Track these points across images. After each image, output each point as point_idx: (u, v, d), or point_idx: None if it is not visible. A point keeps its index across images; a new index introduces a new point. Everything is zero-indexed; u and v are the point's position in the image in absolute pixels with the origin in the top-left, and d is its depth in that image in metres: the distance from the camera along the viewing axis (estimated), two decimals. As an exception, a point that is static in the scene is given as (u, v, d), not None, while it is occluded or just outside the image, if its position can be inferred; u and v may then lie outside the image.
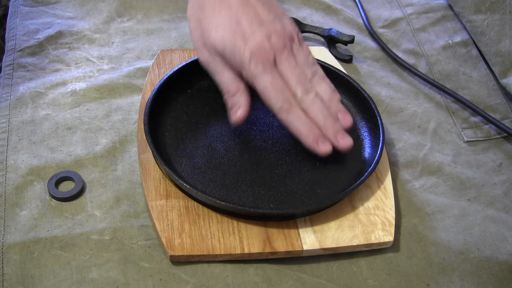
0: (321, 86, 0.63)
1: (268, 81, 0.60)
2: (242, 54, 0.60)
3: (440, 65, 0.79)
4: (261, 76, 0.60)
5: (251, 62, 0.60)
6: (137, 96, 0.71)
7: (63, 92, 0.71)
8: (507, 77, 0.74)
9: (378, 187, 0.63)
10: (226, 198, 0.59)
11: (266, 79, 0.60)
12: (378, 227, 0.60)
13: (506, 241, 0.62)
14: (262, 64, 0.60)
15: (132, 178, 0.63)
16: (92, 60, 0.75)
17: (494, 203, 0.65)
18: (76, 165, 0.64)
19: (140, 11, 0.83)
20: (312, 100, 0.61)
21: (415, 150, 0.69)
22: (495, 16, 0.76)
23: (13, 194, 0.61)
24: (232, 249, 0.57)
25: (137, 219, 0.60)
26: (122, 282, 0.55)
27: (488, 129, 0.72)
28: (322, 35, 0.80)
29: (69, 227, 0.59)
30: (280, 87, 0.60)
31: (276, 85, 0.60)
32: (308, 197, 0.60)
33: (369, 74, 0.77)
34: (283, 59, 0.61)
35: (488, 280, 0.59)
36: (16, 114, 0.68)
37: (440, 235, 0.62)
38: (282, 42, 0.61)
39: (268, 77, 0.60)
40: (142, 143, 0.63)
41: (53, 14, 0.81)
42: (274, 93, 0.60)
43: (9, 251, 0.57)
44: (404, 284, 0.58)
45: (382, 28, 0.84)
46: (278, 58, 0.61)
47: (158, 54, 0.73)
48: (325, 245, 0.58)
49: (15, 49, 0.75)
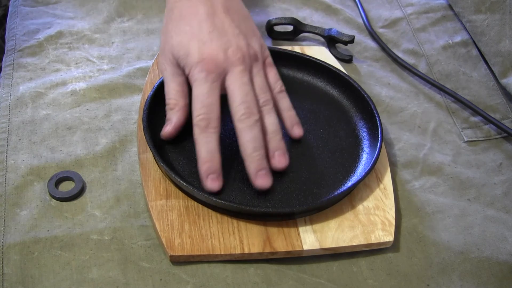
0: (272, 116, 0.60)
1: (201, 91, 0.58)
2: (191, 58, 0.59)
3: (440, 65, 0.79)
4: (198, 83, 0.58)
5: (197, 66, 0.58)
6: (137, 96, 0.71)
7: (63, 92, 0.71)
8: (507, 77, 0.74)
9: (378, 187, 0.63)
10: (224, 197, 0.59)
11: (202, 88, 0.58)
12: (378, 227, 0.60)
13: (506, 241, 0.62)
14: (206, 72, 0.58)
15: (132, 178, 0.63)
16: (92, 60, 0.75)
17: (494, 203, 0.65)
18: (76, 165, 0.64)
19: (140, 11, 0.83)
20: (249, 125, 0.58)
21: (415, 150, 0.69)
22: (495, 16, 0.76)
23: (13, 194, 0.61)
24: (232, 249, 0.57)
25: (137, 219, 0.60)
26: (122, 282, 0.56)
27: (488, 129, 0.72)
28: (322, 35, 0.80)
29: (69, 227, 0.59)
30: (209, 102, 0.58)
31: (206, 99, 0.58)
32: (306, 196, 0.60)
33: (369, 74, 0.77)
34: (233, 74, 0.59)
35: (488, 280, 0.59)
36: (16, 114, 0.68)
37: (440, 235, 0.62)
38: (239, 57, 0.59)
39: (204, 88, 0.58)
40: (142, 143, 0.63)
41: (53, 14, 0.81)
42: (199, 105, 0.58)
43: (9, 251, 0.57)
44: (404, 284, 0.58)
45: (382, 28, 0.84)
46: (229, 72, 0.59)
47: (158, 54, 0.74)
48: (325, 245, 0.58)
49: (15, 49, 0.75)
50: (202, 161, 0.58)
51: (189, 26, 0.61)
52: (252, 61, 0.61)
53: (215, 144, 0.58)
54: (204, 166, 0.58)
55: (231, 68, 0.59)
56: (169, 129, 0.62)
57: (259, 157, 0.58)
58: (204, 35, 0.60)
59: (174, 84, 0.61)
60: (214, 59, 0.58)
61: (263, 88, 0.61)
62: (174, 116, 0.61)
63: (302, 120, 0.66)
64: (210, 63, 0.58)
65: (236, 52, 0.59)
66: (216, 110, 0.58)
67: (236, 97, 0.59)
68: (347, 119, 0.68)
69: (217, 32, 0.60)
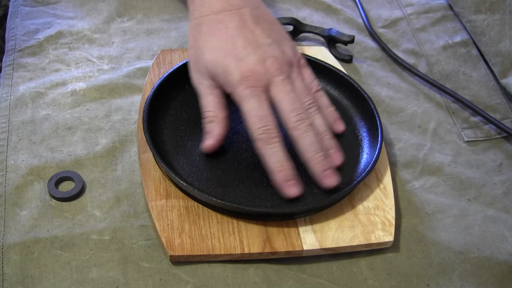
0: (319, 117, 0.61)
1: (253, 106, 0.58)
2: (233, 76, 0.59)
3: (440, 65, 0.79)
4: (247, 99, 0.58)
5: (240, 85, 0.58)
6: (137, 96, 0.71)
7: (63, 92, 0.71)
8: (507, 77, 0.74)
9: (378, 187, 0.63)
10: (224, 197, 0.59)
11: (252, 104, 0.58)
12: (378, 227, 0.60)
13: (506, 241, 0.62)
14: (251, 88, 0.58)
15: (132, 178, 0.63)
16: (92, 60, 0.75)
17: (494, 203, 0.65)
18: (76, 165, 0.64)
19: (140, 11, 0.83)
20: (305, 130, 0.59)
21: (415, 150, 0.69)
22: (495, 16, 0.76)
23: (13, 194, 0.61)
24: (232, 249, 0.57)
25: (137, 219, 0.60)
26: (122, 282, 0.56)
27: (488, 129, 0.72)
28: (322, 35, 0.80)
29: (69, 227, 0.59)
30: (264, 115, 0.58)
31: (259, 112, 0.58)
32: (306, 196, 0.60)
33: (369, 74, 0.77)
34: (277, 85, 0.59)
35: (488, 280, 0.59)
36: (16, 114, 0.68)
37: (440, 235, 0.62)
38: (277, 67, 0.59)
39: (254, 102, 0.58)
40: (142, 143, 0.63)
41: (53, 14, 0.81)
42: (256, 120, 0.58)
43: (9, 251, 0.57)
44: (404, 284, 0.58)
45: (382, 28, 0.84)
46: (272, 83, 0.59)
47: (158, 54, 0.74)
48: (325, 245, 0.58)
49: (15, 49, 0.75)
50: (276, 172, 0.58)
51: (222, 43, 0.60)
52: (289, 67, 0.61)
53: (282, 152, 0.58)
54: (279, 176, 0.58)
55: (272, 79, 0.59)
56: (212, 142, 0.61)
57: (321, 158, 0.59)
58: (239, 51, 0.59)
59: (212, 96, 0.61)
60: (254, 74, 0.59)
61: (304, 91, 0.61)
62: (215, 128, 0.61)
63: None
64: (252, 79, 0.58)
65: (273, 63, 0.60)
66: (272, 120, 0.59)
67: (284, 106, 0.59)
68: (347, 119, 0.68)
69: (251, 45, 0.60)
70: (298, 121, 0.59)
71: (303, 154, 0.59)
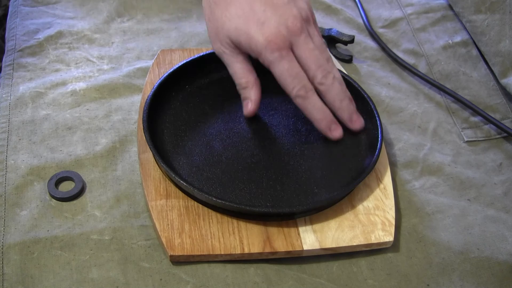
0: (335, 68, 0.64)
1: (284, 68, 0.60)
2: (257, 42, 0.60)
3: (440, 65, 0.79)
4: (277, 62, 0.60)
5: (267, 49, 0.60)
6: (137, 96, 0.71)
7: (63, 92, 0.71)
8: (507, 77, 0.74)
9: (378, 187, 0.63)
10: (224, 197, 0.59)
11: (282, 66, 0.60)
12: (378, 227, 0.60)
13: (506, 241, 0.62)
14: (278, 50, 0.60)
15: (132, 178, 0.63)
16: (92, 60, 0.75)
17: (494, 203, 0.65)
18: (76, 165, 0.64)
19: (140, 11, 0.83)
20: (331, 82, 0.62)
21: (415, 150, 0.69)
22: (495, 16, 0.76)
23: (13, 194, 0.61)
24: (232, 249, 0.57)
25: (137, 219, 0.60)
26: (122, 282, 0.56)
27: (488, 129, 0.72)
28: (322, 35, 0.80)
29: (69, 227, 0.59)
30: (297, 73, 0.61)
31: (293, 72, 0.60)
32: (306, 196, 0.60)
33: (369, 74, 0.77)
34: (300, 43, 0.61)
35: (488, 280, 0.59)
36: (16, 114, 0.68)
37: (440, 235, 0.62)
38: (298, 26, 0.61)
39: (285, 64, 0.60)
40: (142, 143, 0.63)
41: (53, 14, 0.81)
42: (290, 80, 0.61)
43: (9, 251, 0.57)
44: (404, 284, 0.58)
45: (382, 28, 0.84)
46: (295, 42, 0.61)
47: (158, 54, 0.74)
48: (325, 245, 0.58)
49: (15, 49, 0.75)
50: (319, 121, 0.63)
51: (240, 10, 0.61)
52: (307, 24, 0.63)
53: (320, 102, 0.62)
54: (323, 124, 0.63)
55: (295, 38, 0.61)
56: (252, 107, 0.64)
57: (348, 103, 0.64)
58: (259, 16, 0.61)
59: (238, 63, 0.63)
60: (278, 37, 0.60)
61: (322, 45, 0.64)
62: (251, 93, 0.64)
63: (302, 121, 0.66)
64: (277, 43, 0.60)
65: (295, 23, 0.61)
66: (304, 75, 0.61)
67: (310, 64, 0.61)
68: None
69: (269, 8, 0.61)
70: (324, 76, 0.61)
71: (332, 104, 0.63)
